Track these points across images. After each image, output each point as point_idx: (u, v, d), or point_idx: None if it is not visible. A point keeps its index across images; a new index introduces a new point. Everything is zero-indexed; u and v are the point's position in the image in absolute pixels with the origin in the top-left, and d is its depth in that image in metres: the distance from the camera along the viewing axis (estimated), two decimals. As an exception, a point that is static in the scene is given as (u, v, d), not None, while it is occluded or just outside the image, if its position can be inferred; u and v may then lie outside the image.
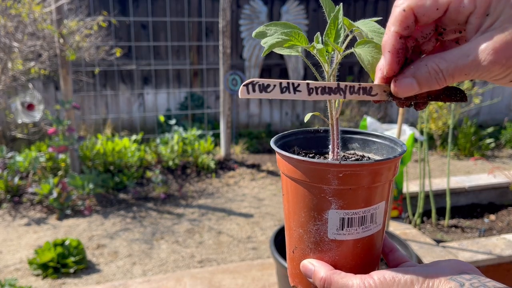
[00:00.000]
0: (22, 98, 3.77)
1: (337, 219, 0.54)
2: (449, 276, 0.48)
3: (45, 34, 3.74)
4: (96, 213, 3.68)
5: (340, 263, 0.56)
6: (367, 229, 0.55)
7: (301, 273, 0.57)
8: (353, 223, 0.54)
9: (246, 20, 5.71)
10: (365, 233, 0.55)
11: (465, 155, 5.40)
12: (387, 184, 0.56)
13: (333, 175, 0.52)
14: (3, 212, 3.68)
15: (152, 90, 5.64)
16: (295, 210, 0.57)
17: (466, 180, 3.36)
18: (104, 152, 4.36)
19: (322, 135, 0.66)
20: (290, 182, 0.57)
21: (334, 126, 0.59)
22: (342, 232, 0.54)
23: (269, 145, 5.69)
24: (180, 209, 3.79)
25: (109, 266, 2.91)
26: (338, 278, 0.52)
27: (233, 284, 2.55)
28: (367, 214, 0.55)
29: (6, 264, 2.91)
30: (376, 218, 0.56)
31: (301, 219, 0.56)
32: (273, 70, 5.98)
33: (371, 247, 0.57)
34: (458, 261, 0.52)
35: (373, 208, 0.55)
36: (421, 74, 0.48)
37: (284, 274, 2.02)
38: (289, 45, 0.55)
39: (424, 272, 0.49)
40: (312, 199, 0.54)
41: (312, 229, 0.55)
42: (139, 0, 5.37)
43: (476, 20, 0.45)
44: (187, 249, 3.13)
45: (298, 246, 0.58)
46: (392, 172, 0.55)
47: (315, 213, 0.54)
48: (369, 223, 0.55)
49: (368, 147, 0.65)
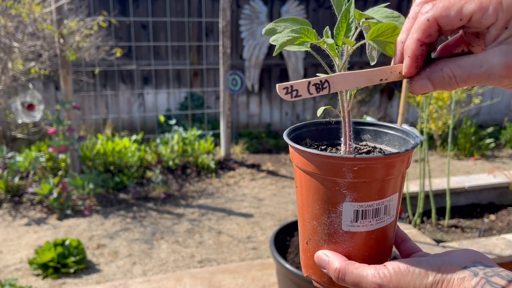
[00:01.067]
0: (22, 98, 3.77)
1: (351, 212, 0.54)
2: (463, 266, 0.48)
3: (45, 34, 3.74)
4: (96, 213, 3.68)
5: (354, 254, 0.56)
6: (380, 221, 0.56)
7: (315, 264, 0.58)
8: (367, 215, 0.55)
9: (246, 20, 5.71)
10: (379, 224, 0.56)
11: (465, 155, 5.40)
12: (400, 177, 0.57)
13: (348, 168, 0.52)
14: (3, 212, 3.68)
15: (152, 90, 5.64)
16: (309, 202, 0.57)
17: (466, 180, 3.36)
18: (104, 152, 4.36)
19: (333, 126, 0.66)
20: (303, 175, 0.57)
21: (346, 118, 0.59)
22: (356, 224, 0.55)
23: (269, 145, 5.71)
24: (180, 209, 3.79)
25: (109, 266, 2.91)
26: (353, 269, 0.53)
27: (233, 284, 2.55)
28: (381, 206, 0.55)
29: (6, 264, 2.91)
30: (390, 210, 0.57)
31: (315, 211, 0.57)
32: (273, 70, 5.98)
33: (384, 238, 0.58)
34: (472, 250, 0.53)
35: (387, 200, 0.55)
36: (435, 77, 0.50)
37: (284, 274, 2.02)
38: (300, 42, 0.56)
39: (438, 261, 0.50)
40: (326, 192, 0.55)
41: (326, 221, 0.56)
42: (139, 0, 5.37)
43: (496, 31, 0.47)
44: (187, 249, 3.14)
45: (312, 238, 0.58)
46: (405, 165, 0.56)
47: (329, 205, 0.55)
48: (383, 215, 0.56)
49: (379, 138, 0.66)
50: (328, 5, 5.88)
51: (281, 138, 5.84)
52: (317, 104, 6.17)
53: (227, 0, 4.50)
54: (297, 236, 2.26)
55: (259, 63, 5.83)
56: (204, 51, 5.68)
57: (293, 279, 1.93)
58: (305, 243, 0.60)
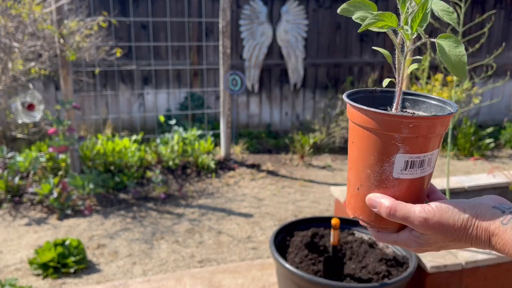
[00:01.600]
0: (23, 98, 3.77)
1: (402, 162, 0.65)
2: (492, 205, 0.60)
3: (45, 34, 3.74)
4: (96, 213, 3.69)
5: (399, 197, 0.66)
6: (423, 171, 0.67)
7: (364, 205, 0.69)
8: (414, 165, 0.65)
9: (246, 20, 5.72)
10: (422, 173, 0.67)
11: (465, 155, 5.40)
12: (440, 136, 0.68)
13: (405, 125, 0.62)
14: (3, 212, 3.68)
15: (152, 90, 5.64)
16: (364, 154, 0.68)
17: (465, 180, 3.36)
18: (104, 152, 4.36)
19: (378, 95, 0.77)
20: (362, 130, 0.67)
21: (400, 84, 0.69)
22: (405, 172, 0.65)
23: (269, 145, 5.71)
24: (180, 209, 3.80)
25: (109, 266, 2.91)
26: (402, 206, 0.63)
27: (233, 284, 2.55)
28: (425, 158, 0.66)
29: (6, 264, 2.91)
30: (431, 162, 0.68)
31: (370, 161, 0.67)
32: (273, 70, 5.98)
33: (423, 185, 0.69)
34: (497, 196, 0.64)
35: (430, 153, 0.66)
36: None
37: (284, 274, 2.02)
38: (382, 24, 0.64)
39: (472, 202, 0.61)
40: (383, 145, 0.65)
41: (379, 170, 0.66)
42: (139, 0, 5.38)
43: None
44: (187, 249, 3.14)
45: (364, 184, 0.69)
46: (445, 126, 0.67)
47: (384, 156, 0.65)
48: (426, 165, 0.67)
49: (417, 106, 0.75)
50: (328, 5, 5.88)
51: (281, 138, 5.84)
52: (317, 104, 6.17)
53: (227, 0, 4.50)
54: (297, 236, 2.26)
55: (259, 63, 5.83)
56: (204, 51, 5.68)
57: (293, 279, 1.93)
58: (356, 189, 0.71)
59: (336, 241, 2.01)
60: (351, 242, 2.24)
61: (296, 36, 5.82)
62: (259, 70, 5.86)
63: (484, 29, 2.39)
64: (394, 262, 2.08)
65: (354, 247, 2.21)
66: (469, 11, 6.11)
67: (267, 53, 5.83)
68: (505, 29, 6.45)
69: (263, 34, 5.75)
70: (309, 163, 5.04)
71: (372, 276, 2.00)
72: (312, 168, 4.93)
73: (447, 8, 0.62)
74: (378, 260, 2.08)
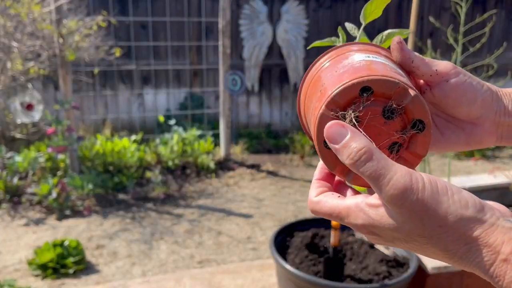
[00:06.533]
0: (22, 98, 3.76)
1: None
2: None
3: (44, 34, 3.73)
4: (96, 213, 3.67)
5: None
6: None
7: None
8: None
9: (246, 20, 5.71)
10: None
11: (466, 155, 5.39)
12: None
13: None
14: (2, 212, 3.67)
15: (151, 90, 5.63)
16: None
17: (466, 181, 3.35)
18: (103, 152, 4.35)
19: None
20: None
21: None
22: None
23: (269, 145, 5.71)
24: (180, 209, 3.78)
25: (109, 267, 2.90)
26: (380, 156, 0.44)
27: (232, 284, 2.54)
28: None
29: (5, 264, 2.90)
30: None
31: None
32: (273, 70, 5.97)
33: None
34: (501, 205, 0.46)
35: None
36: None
37: (284, 275, 2.01)
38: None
39: (482, 200, 0.44)
40: None
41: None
42: (139, 0, 5.36)
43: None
44: (187, 249, 3.13)
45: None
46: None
47: None
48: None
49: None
50: (328, 5, 5.87)
51: (281, 138, 5.83)
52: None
53: (227, 0, 4.49)
54: (297, 236, 2.25)
55: (259, 63, 5.82)
56: (204, 51, 5.67)
57: (293, 280, 1.92)
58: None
59: (336, 241, 1.99)
60: (352, 242, 2.23)
61: (296, 36, 5.81)
62: (259, 70, 5.85)
63: (485, 29, 2.38)
64: (394, 263, 2.07)
65: (355, 248, 2.20)
66: (470, 11, 6.09)
67: (267, 53, 5.82)
68: (506, 29, 6.44)
69: (263, 34, 5.74)
70: (309, 163, 5.03)
71: (373, 277, 1.98)
72: (312, 168, 4.92)
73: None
74: (378, 261, 2.07)
